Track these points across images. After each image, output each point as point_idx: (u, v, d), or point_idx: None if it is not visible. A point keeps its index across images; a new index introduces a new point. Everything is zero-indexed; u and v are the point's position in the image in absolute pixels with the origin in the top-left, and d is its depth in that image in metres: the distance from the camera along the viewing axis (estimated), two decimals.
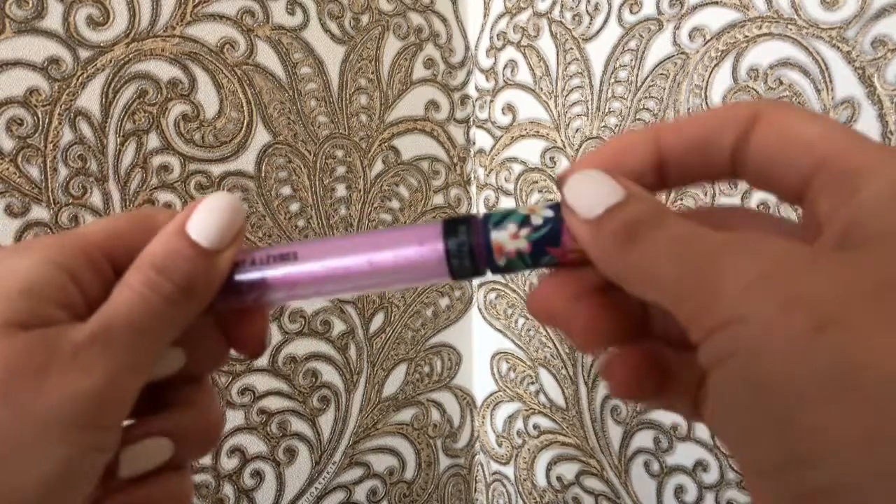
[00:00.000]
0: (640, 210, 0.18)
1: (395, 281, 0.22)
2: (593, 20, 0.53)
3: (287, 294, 0.22)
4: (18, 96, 0.41)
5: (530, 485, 0.62)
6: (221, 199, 0.21)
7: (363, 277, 0.21)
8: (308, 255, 0.22)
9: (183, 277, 0.20)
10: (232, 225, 0.21)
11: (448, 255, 0.21)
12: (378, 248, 0.21)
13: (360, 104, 0.55)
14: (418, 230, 0.21)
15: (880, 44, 0.39)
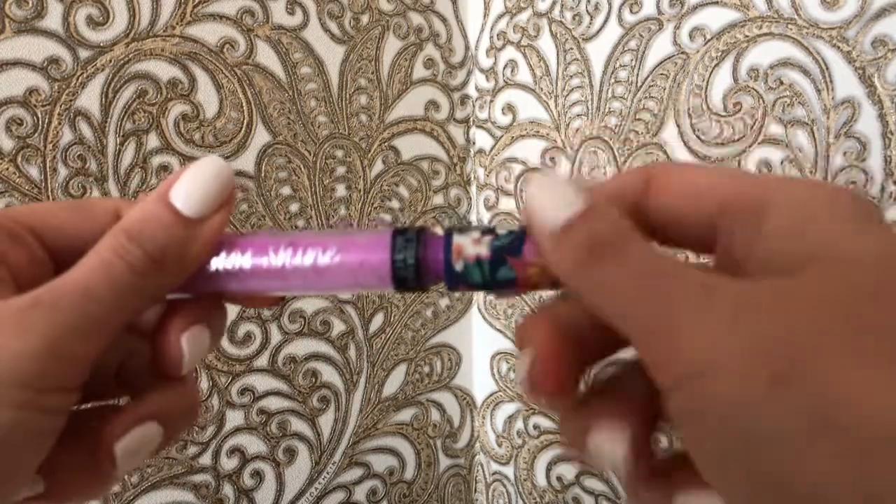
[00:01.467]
0: (599, 228, 0.17)
1: (335, 286, 0.21)
2: (593, 20, 0.53)
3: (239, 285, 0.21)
4: (18, 96, 0.41)
5: (530, 485, 0.62)
6: (208, 164, 0.20)
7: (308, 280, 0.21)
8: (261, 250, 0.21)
9: (156, 246, 0.19)
10: (218, 192, 0.20)
11: (394, 266, 0.20)
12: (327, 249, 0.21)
13: (360, 104, 0.55)
14: (370, 239, 0.21)
15: (880, 44, 0.39)
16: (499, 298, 0.20)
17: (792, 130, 0.43)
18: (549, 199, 0.18)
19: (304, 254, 0.21)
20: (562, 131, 0.56)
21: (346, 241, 0.21)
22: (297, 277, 0.21)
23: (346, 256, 0.21)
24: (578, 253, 0.17)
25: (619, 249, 0.17)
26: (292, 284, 0.21)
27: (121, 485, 0.46)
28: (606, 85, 0.52)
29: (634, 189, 0.19)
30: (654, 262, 0.16)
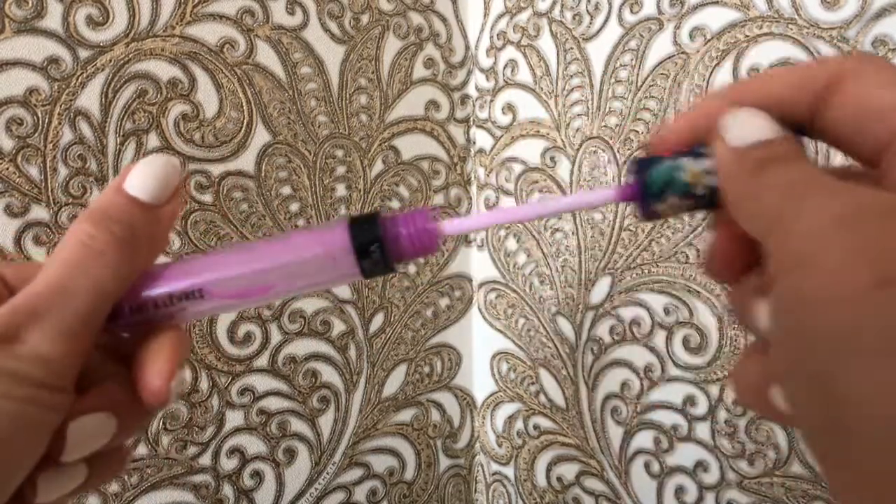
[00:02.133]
0: (781, 149, 0.19)
1: (308, 287, 0.21)
2: (594, 20, 0.52)
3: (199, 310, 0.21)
4: (18, 96, 0.41)
5: (530, 485, 0.62)
6: (156, 158, 0.22)
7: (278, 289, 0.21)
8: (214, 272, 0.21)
9: (123, 227, 0.20)
10: (169, 180, 0.21)
11: (360, 258, 0.21)
12: (288, 255, 0.21)
13: (360, 104, 0.55)
14: (325, 233, 0.21)
15: (881, 44, 0.39)
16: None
17: None
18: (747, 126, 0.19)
19: (263, 260, 0.21)
20: (562, 131, 0.56)
21: (304, 239, 0.21)
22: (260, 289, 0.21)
23: (307, 253, 0.21)
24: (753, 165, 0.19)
25: (785, 163, 0.18)
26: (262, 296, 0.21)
27: (120, 485, 0.46)
28: (607, 85, 0.52)
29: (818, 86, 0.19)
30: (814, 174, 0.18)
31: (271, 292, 0.21)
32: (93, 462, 0.21)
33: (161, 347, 0.21)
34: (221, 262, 0.21)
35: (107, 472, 0.22)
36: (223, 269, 0.21)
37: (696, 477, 0.50)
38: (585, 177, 0.54)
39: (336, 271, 0.21)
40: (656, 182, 0.21)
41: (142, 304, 0.21)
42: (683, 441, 0.50)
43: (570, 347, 0.57)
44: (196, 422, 0.49)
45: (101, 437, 0.20)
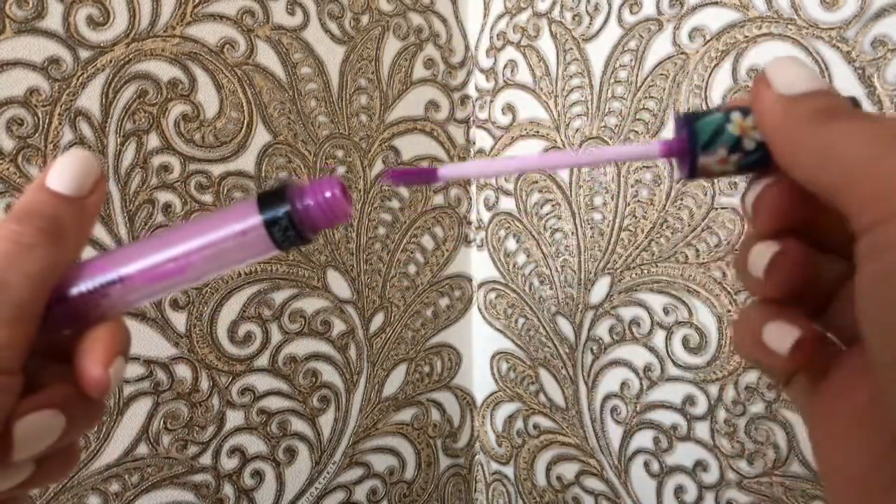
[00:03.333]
0: (838, 101, 0.18)
1: (227, 265, 0.22)
2: (593, 20, 0.53)
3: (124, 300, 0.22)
4: (19, 96, 0.41)
5: (530, 484, 0.62)
6: (74, 152, 0.22)
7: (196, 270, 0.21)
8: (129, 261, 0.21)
9: (46, 221, 0.21)
10: (88, 172, 0.22)
11: (270, 230, 0.21)
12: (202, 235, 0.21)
13: (360, 104, 0.55)
14: (233, 211, 0.21)
15: (880, 44, 0.39)
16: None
17: None
18: (794, 73, 0.19)
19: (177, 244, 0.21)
20: (562, 131, 0.56)
21: (217, 217, 0.21)
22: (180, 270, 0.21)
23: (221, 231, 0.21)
24: (811, 114, 0.18)
25: (847, 116, 0.18)
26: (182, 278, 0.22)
27: (121, 484, 0.46)
28: (606, 85, 0.52)
29: None
30: (876, 122, 0.17)
31: (189, 272, 0.21)
32: (41, 461, 0.21)
33: (97, 337, 0.22)
34: (139, 248, 0.22)
35: (56, 471, 0.22)
36: (140, 255, 0.22)
37: (696, 476, 0.50)
38: (585, 177, 0.54)
39: (252, 246, 0.21)
40: (705, 131, 0.20)
41: (67, 296, 0.21)
42: (683, 441, 0.51)
43: (569, 347, 0.57)
44: (196, 421, 0.49)
45: (50, 434, 0.20)
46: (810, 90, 0.19)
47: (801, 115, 0.18)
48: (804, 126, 0.18)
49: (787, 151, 0.19)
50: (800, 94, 0.19)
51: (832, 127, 0.18)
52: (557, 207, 0.57)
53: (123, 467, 0.46)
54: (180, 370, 0.48)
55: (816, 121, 0.18)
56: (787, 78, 0.19)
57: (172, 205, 0.47)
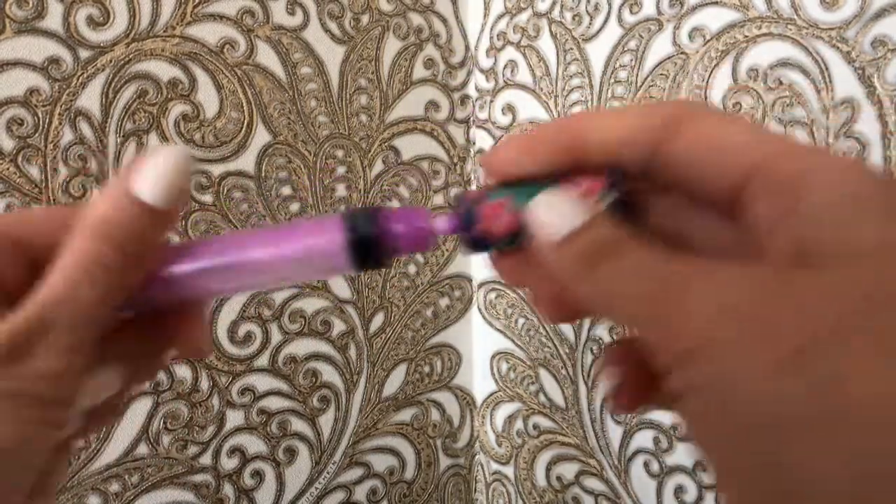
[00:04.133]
0: (602, 233, 0.18)
1: (300, 275, 0.22)
2: (593, 20, 0.53)
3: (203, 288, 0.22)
4: (19, 96, 0.41)
5: (530, 485, 0.62)
6: (169, 154, 0.20)
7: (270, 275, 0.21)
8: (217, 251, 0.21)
9: (132, 242, 0.19)
10: (183, 179, 0.20)
11: (351, 249, 0.21)
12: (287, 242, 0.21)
13: (360, 104, 0.55)
14: (320, 224, 0.21)
15: (880, 44, 0.39)
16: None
17: (791, 130, 0.43)
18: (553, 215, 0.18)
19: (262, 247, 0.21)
20: None
21: (301, 229, 0.21)
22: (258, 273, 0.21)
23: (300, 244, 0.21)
24: (577, 260, 0.18)
25: (614, 252, 0.17)
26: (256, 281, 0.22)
27: (121, 484, 0.46)
28: (606, 85, 0.52)
29: (655, 128, 0.18)
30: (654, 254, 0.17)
31: (264, 277, 0.21)
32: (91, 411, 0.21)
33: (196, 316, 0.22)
34: (222, 245, 0.22)
35: (104, 421, 0.22)
36: (222, 251, 0.21)
37: (696, 476, 0.50)
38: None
39: (330, 263, 0.21)
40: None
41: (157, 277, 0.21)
42: (683, 440, 0.51)
43: (569, 347, 0.57)
44: (196, 421, 0.49)
45: (114, 385, 0.21)
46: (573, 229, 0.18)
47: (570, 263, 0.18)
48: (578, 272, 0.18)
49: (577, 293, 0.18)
50: (564, 237, 0.18)
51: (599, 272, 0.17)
52: None
53: (123, 467, 0.46)
54: (180, 370, 0.48)
55: (585, 266, 0.17)
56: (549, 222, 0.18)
57: None
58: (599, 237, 0.18)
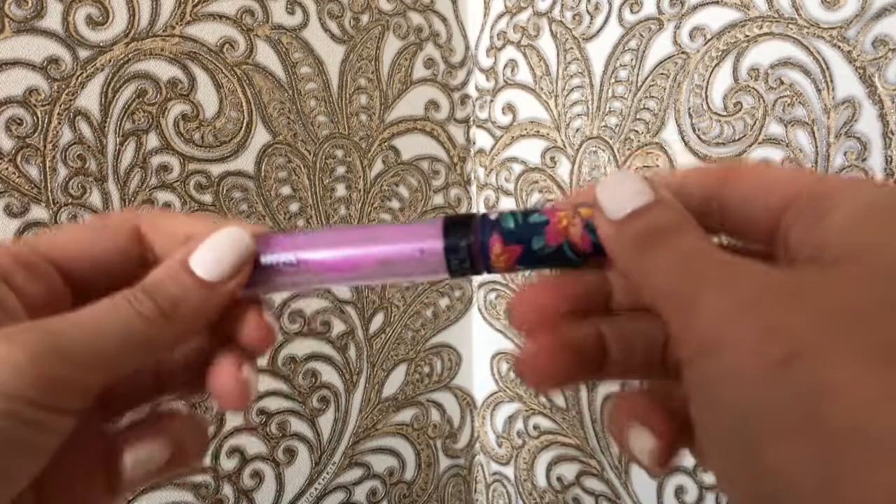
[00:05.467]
0: (662, 218, 0.19)
1: (393, 275, 0.22)
2: (594, 20, 0.52)
3: (290, 281, 0.22)
4: (18, 96, 0.41)
5: (530, 485, 0.62)
6: (227, 234, 0.22)
7: (366, 271, 0.22)
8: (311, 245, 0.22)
9: (167, 300, 0.21)
10: (235, 260, 0.22)
11: (447, 255, 0.21)
12: (382, 242, 0.22)
13: (360, 104, 0.55)
14: (419, 228, 0.22)
15: (881, 43, 0.39)
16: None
17: (792, 130, 0.43)
18: (621, 190, 0.19)
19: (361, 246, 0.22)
20: (562, 131, 0.56)
21: (396, 231, 0.22)
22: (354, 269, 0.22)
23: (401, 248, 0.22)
24: (632, 241, 0.19)
25: (671, 235, 0.18)
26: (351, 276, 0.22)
27: None
28: (607, 84, 0.52)
29: (710, 181, 0.20)
30: (702, 246, 0.18)
31: (357, 273, 0.22)
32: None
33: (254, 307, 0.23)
34: (320, 238, 0.22)
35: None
36: (320, 245, 0.22)
37: (697, 477, 0.50)
38: (586, 177, 0.54)
39: (425, 267, 0.22)
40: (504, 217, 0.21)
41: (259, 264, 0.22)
42: None
43: None
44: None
45: (158, 460, 0.22)
46: (636, 208, 0.19)
47: (626, 241, 0.19)
48: (630, 252, 0.19)
49: (623, 272, 0.19)
50: (626, 216, 0.19)
51: (648, 256, 0.18)
52: None
53: None
54: None
55: (638, 247, 0.18)
56: (613, 200, 0.19)
57: (172, 205, 0.47)
58: (659, 219, 0.18)
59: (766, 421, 0.14)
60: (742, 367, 0.15)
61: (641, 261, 0.18)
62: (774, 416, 0.14)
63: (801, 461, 0.14)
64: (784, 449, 0.14)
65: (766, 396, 0.14)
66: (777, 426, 0.14)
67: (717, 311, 0.16)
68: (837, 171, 0.41)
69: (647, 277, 0.18)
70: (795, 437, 0.14)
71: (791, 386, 0.14)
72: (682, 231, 0.18)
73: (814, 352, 0.14)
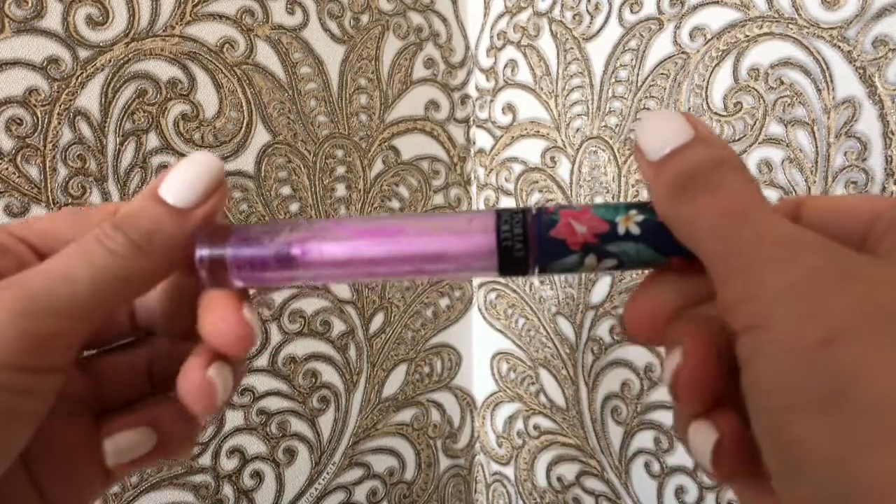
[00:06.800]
0: (700, 160, 0.17)
1: (440, 271, 0.21)
2: (594, 19, 0.52)
3: (316, 273, 0.21)
4: (18, 96, 0.41)
5: (530, 485, 0.62)
6: (196, 158, 0.21)
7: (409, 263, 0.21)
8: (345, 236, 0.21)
9: (139, 233, 0.20)
10: (206, 183, 0.21)
11: (500, 250, 0.20)
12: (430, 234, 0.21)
13: (360, 104, 0.55)
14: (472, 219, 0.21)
15: (881, 43, 0.39)
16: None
17: (792, 130, 0.43)
18: (656, 129, 0.18)
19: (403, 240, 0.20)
20: (562, 131, 0.56)
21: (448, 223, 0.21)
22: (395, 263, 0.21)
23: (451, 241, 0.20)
24: (673, 184, 0.17)
25: (712, 182, 0.17)
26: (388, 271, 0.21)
27: (120, 485, 0.46)
28: (607, 84, 0.52)
29: (785, 212, 0.19)
30: (746, 202, 0.17)
31: (399, 269, 0.21)
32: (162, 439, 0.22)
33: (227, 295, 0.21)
34: (361, 228, 0.21)
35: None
36: (359, 235, 0.21)
37: (697, 477, 0.50)
38: (586, 177, 0.54)
39: (473, 266, 0.21)
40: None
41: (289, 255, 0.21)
42: None
43: (570, 347, 0.57)
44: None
45: (141, 448, 0.22)
46: (675, 148, 0.17)
47: (666, 185, 0.17)
48: (667, 199, 0.17)
49: (664, 218, 0.18)
50: (665, 156, 0.17)
51: (684, 206, 0.17)
52: None
53: None
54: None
55: (674, 194, 0.17)
56: (651, 141, 0.18)
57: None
58: (697, 162, 0.17)
59: (795, 396, 0.15)
60: (784, 344, 0.15)
61: (681, 209, 0.17)
62: (803, 395, 0.15)
63: (821, 434, 0.14)
64: (807, 423, 0.15)
65: (800, 374, 0.15)
66: (803, 404, 0.15)
67: (773, 290, 0.16)
68: (837, 171, 0.41)
69: (689, 230, 0.17)
70: (821, 412, 0.14)
71: (825, 365, 0.14)
72: (721, 174, 0.17)
73: (852, 336, 0.14)
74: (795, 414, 0.15)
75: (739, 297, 0.16)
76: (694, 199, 0.17)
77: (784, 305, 0.15)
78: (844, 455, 0.14)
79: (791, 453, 0.15)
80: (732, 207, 0.17)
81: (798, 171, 0.43)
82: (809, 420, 0.14)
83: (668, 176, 0.17)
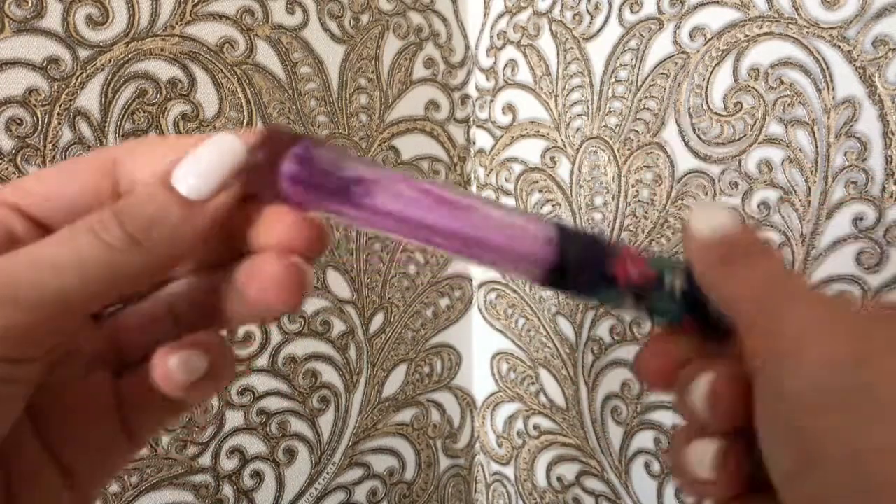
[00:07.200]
0: (751, 240, 0.21)
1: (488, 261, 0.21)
2: (594, 19, 0.52)
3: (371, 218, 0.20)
4: (18, 96, 0.41)
5: (530, 485, 0.62)
6: (218, 141, 0.19)
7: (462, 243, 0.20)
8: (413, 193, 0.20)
9: (137, 225, 0.18)
10: (226, 172, 0.19)
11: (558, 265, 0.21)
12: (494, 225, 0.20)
13: (360, 104, 0.55)
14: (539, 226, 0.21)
15: (881, 43, 0.39)
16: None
17: (792, 130, 0.43)
18: (711, 217, 0.21)
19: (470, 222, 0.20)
20: (562, 131, 0.56)
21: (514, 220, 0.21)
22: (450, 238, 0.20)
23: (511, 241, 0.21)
24: (719, 256, 0.21)
25: (758, 257, 0.21)
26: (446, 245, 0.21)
27: (120, 485, 0.46)
28: (607, 84, 0.52)
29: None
30: (779, 270, 0.20)
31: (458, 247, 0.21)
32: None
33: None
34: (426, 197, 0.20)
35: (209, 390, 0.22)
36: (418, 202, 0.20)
37: None
38: (586, 177, 0.54)
39: (521, 268, 0.21)
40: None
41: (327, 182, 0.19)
42: None
43: (570, 347, 0.57)
44: (196, 422, 0.49)
45: (199, 370, 0.20)
46: (724, 234, 0.21)
47: (712, 257, 0.21)
48: (714, 267, 0.21)
49: (706, 284, 0.21)
50: (714, 239, 0.21)
51: (731, 269, 0.20)
52: (558, 207, 0.57)
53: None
54: None
55: (725, 262, 0.21)
56: (704, 225, 0.21)
57: None
58: (747, 242, 0.21)
59: (822, 397, 0.16)
60: (811, 360, 0.17)
61: (727, 272, 0.20)
62: (831, 395, 0.16)
63: (842, 430, 0.16)
64: (831, 419, 0.16)
65: (827, 380, 0.17)
66: (831, 402, 0.16)
67: (804, 321, 0.18)
68: (837, 171, 0.41)
69: (731, 286, 0.20)
70: (844, 411, 0.16)
71: (851, 375, 0.16)
72: (769, 254, 0.21)
73: (880, 357, 0.16)
74: (820, 412, 0.16)
75: (768, 330, 0.19)
76: (742, 268, 0.20)
77: (814, 330, 0.18)
78: (862, 451, 0.15)
79: (810, 446, 0.16)
80: (773, 274, 0.20)
81: (798, 171, 0.43)
82: (833, 417, 0.16)
83: (722, 250, 0.21)
